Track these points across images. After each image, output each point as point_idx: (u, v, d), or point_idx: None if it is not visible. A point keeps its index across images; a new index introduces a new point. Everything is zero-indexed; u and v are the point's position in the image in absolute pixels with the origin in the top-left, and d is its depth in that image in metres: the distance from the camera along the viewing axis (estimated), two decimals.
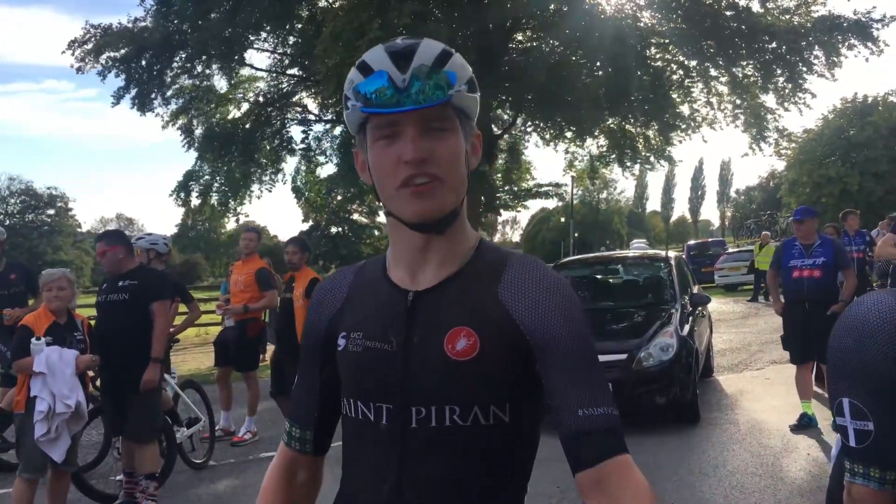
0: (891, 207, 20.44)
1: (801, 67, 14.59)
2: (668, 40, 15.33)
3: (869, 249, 9.23)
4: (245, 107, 18.11)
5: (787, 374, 6.96)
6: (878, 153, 29.60)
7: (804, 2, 14.66)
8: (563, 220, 46.93)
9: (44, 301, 4.31)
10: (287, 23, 15.77)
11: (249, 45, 16.24)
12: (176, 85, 16.55)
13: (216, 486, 5.32)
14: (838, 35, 14.23)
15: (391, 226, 1.15)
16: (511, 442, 1.10)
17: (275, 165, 18.44)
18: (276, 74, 17.80)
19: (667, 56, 16.17)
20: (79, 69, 15.43)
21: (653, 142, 17.58)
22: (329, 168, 19.37)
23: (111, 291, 4.61)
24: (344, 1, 14.74)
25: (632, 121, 16.62)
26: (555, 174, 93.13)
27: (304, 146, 18.12)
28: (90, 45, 15.33)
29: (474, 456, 1.08)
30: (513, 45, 16.08)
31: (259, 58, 22.50)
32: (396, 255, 1.17)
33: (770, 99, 15.59)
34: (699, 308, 7.45)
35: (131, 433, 4.58)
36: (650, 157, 18.06)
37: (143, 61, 15.44)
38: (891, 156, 29.39)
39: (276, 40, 16.75)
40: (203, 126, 17.50)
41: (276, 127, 18.00)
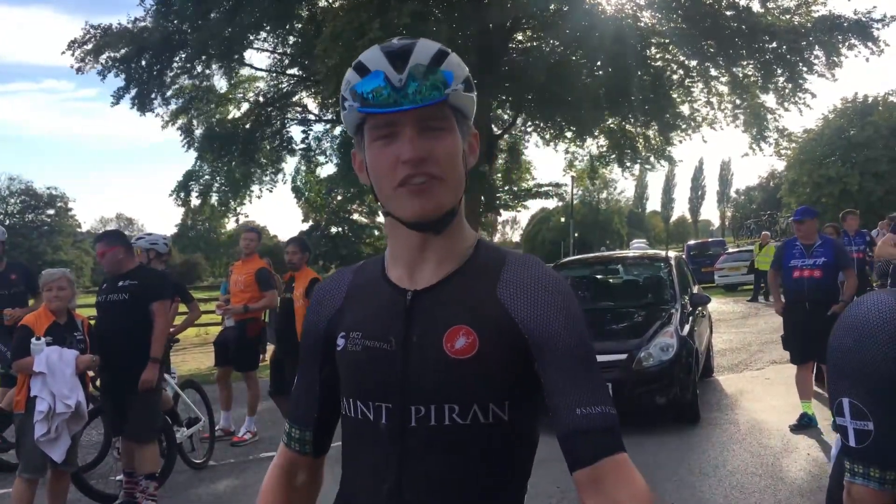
0: (891, 207, 20.44)
1: (802, 67, 14.60)
2: (668, 40, 15.34)
3: (869, 249, 9.22)
4: (245, 107, 18.17)
5: (787, 374, 6.96)
6: (878, 153, 29.56)
7: (804, 2, 14.66)
8: (563, 220, 46.93)
9: (44, 301, 4.31)
10: (287, 23, 15.78)
11: (249, 45, 16.27)
12: (176, 85, 16.58)
13: (216, 486, 5.31)
14: (838, 35, 14.24)
15: (389, 225, 1.15)
16: (511, 441, 1.10)
17: (275, 165, 18.48)
18: (276, 74, 17.83)
19: (667, 56, 16.18)
20: (79, 69, 15.48)
21: (653, 142, 17.59)
22: (329, 168, 19.45)
23: (111, 291, 4.62)
24: (344, 1, 14.74)
25: (632, 121, 16.63)
26: (555, 174, 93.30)
27: (304, 146, 18.19)
28: (90, 46, 15.36)
29: (474, 455, 1.07)
30: (513, 45, 16.08)
31: (259, 58, 22.55)
32: (395, 254, 1.17)
33: (770, 99, 15.64)
34: (699, 308, 7.45)
35: (131, 433, 4.58)
36: (650, 157, 18.09)
37: (143, 61, 15.46)
38: (891, 156, 29.35)
39: (276, 40, 16.78)
40: (203, 126, 17.53)
41: (276, 127, 18.03)
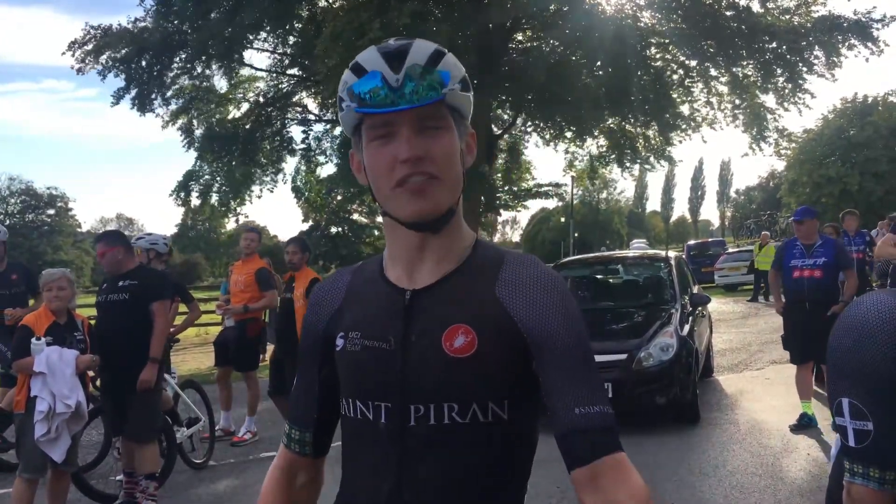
0: (891, 207, 20.43)
1: (801, 67, 14.60)
2: (668, 40, 15.33)
3: (869, 249, 9.23)
4: (245, 107, 18.18)
5: (787, 374, 6.96)
6: (878, 153, 29.58)
7: (804, 2, 14.66)
8: (563, 220, 46.94)
9: (44, 301, 4.31)
10: (287, 23, 15.77)
11: (249, 45, 16.27)
12: (176, 85, 16.59)
13: (216, 486, 5.31)
14: (838, 35, 14.24)
15: (388, 225, 1.15)
16: (510, 440, 1.10)
17: (275, 165, 18.48)
18: (276, 74, 17.83)
19: (667, 56, 16.18)
20: (79, 70, 15.49)
21: (653, 142, 17.59)
22: (329, 168, 19.44)
23: (111, 291, 4.62)
24: (344, 1, 14.75)
25: (632, 121, 16.64)
26: (555, 174, 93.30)
27: (304, 146, 18.19)
28: (90, 46, 15.36)
29: (474, 455, 1.07)
30: (513, 45, 16.08)
31: (259, 58, 22.57)
32: (393, 254, 1.17)
33: (770, 99, 15.64)
34: (699, 308, 7.45)
35: (131, 433, 4.58)
36: (650, 157, 18.09)
37: (143, 62, 15.46)
38: (891, 156, 29.37)
39: (276, 40, 16.78)
40: (203, 126, 17.54)
41: (276, 127, 18.03)
